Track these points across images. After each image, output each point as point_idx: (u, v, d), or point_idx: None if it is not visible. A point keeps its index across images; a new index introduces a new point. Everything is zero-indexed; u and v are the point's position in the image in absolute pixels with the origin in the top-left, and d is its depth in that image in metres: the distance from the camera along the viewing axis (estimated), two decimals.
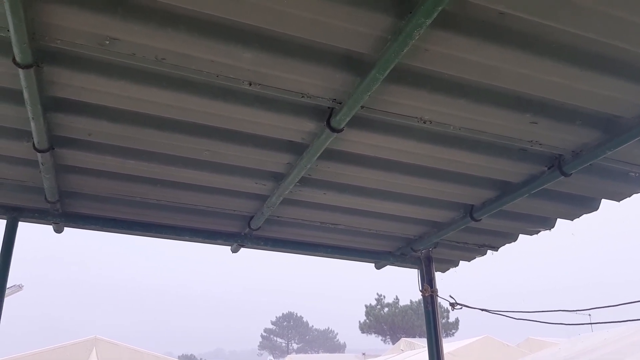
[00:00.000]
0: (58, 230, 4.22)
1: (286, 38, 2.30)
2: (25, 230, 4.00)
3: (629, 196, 3.58)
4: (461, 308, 4.78)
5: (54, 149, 3.09)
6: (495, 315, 4.84)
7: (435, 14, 1.99)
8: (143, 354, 17.38)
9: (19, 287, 17.21)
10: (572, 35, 2.27)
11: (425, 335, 4.82)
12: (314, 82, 2.53)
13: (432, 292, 4.63)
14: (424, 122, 2.81)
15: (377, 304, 52.78)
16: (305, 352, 70.79)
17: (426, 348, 4.86)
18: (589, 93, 2.60)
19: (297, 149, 3.13)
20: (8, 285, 3.88)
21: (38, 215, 3.92)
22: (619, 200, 3.65)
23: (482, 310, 4.88)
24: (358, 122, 2.84)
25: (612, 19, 2.18)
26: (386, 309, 51.98)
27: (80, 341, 16.70)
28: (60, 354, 16.05)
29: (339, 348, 74.99)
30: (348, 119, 2.69)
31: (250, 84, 2.52)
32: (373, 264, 5.10)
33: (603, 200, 3.74)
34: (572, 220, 3.97)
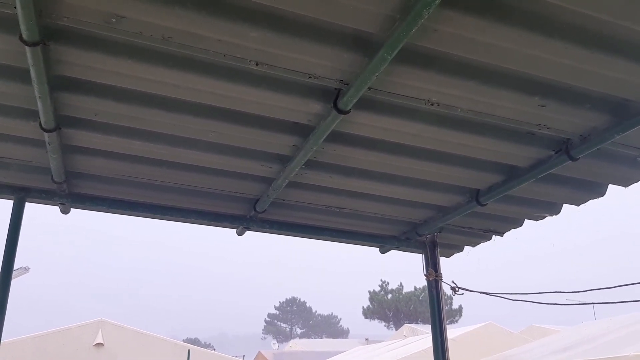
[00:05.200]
0: (65, 211, 4.23)
1: (294, 17, 2.28)
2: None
3: (637, 181, 3.57)
4: (462, 293, 4.80)
5: (60, 128, 3.09)
6: (499, 302, 4.86)
7: None
8: (148, 337, 17.53)
9: (26, 270, 17.31)
10: (583, 16, 2.25)
11: (428, 322, 4.84)
12: (321, 62, 2.51)
13: (436, 276, 4.65)
14: (432, 104, 2.79)
15: (380, 290, 53.07)
16: (309, 337, 71.29)
17: (429, 334, 4.89)
18: (598, 76, 2.58)
19: (303, 130, 3.12)
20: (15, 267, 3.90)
21: (45, 196, 3.93)
22: (626, 186, 3.63)
23: (482, 293, 4.90)
24: (365, 104, 2.83)
25: (624, 0, 2.15)
26: (390, 295, 52.26)
27: (86, 323, 16.84)
28: (66, 336, 16.21)
29: (342, 333, 75.47)
30: (355, 101, 2.68)
31: (257, 64, 2.51)
32: (378, 249, 5.11)
33: (610, 186, 3.72)
34: (579, 205, 3.96)
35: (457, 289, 4.75)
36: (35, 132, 3.12)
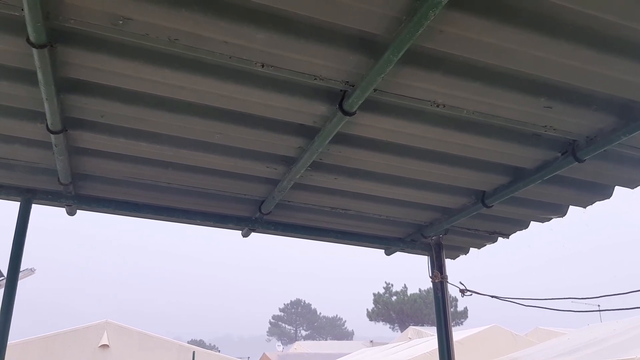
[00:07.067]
0: (71, 212, 4.25)
1: (299, 19, 2.29)
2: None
3: None
4: (471, 294, 4.78)
5: (67, 130, 3.10)
6: (504, 304, 4.83)
7: None
8: (153, 338, 17.56)
9: (31, 271, 17.34)
10: (589, 17, 2.24)
11: (433, 324, 4.82)
12: (327, 64, 2.51)
13: (442, 278, 4.63)
14: (437, 106, 2.79)
15: (385, 292, 52.97)
16: (314, 338, 71.18)
17: (434, 336, 4.89)
18: (605, 77, 2.57)
19: (308, 132, 3.13)
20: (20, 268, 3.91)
21: (51, 197, 3.94)
22: (632, 188, 3.61)
23: (492, 297, 4.87)
24: (371, 106, 2.83)
25: (631, 0, 2.14)
26: (394, 297, 52.16)
27: (91, 325, 16.90)
28: (72, 337, 16.27)
29: (347, 335, 75.30)
30: (361, 102, 2.68)
31: (262, 66, 2.51)
32: (383, 250, 5.10)
33: (616, 188, 3.70)
34: (585, 207, 3.94)
35: (465, 290, 4.73)
36: (41, 134, 3.14)
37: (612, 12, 2.20)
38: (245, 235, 4.63)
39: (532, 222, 4.34)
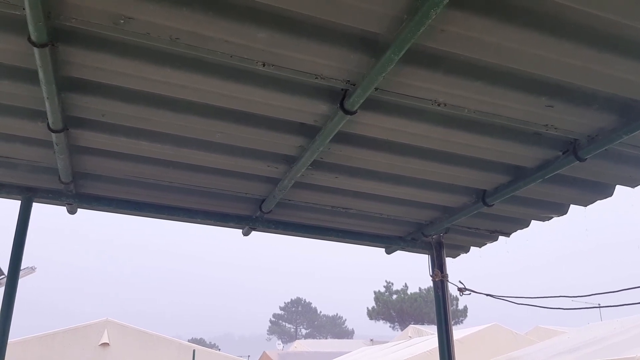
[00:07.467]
0: (71, 211, 4.25)
1: (301, 18, 2.29)
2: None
3: None
4: (470, 293, 4.79)
5: (68, 129, 3.11)
6: (505, 303, 4.83)
7: None
8: (153, 337, 17.58)
9: (32, 269, 17.36)
10: (590, 16, 2.24)
11: (434, 323, 4.83)
12: (328, 63, 2.51)
13: (442, 277, 4.64)
14: (439, 105, 2.79)
15: (385, 291, 52.99)
16: (314, 337, 71.18)
17: (434, 335, 4.89)
18: (606, 76, 2.57)
19: (309, 131, 3.13)
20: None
21: (52, 196, 3.94)
22: (633, 187, 3.61)
23: (487, 295, 4.88)
24: (372, 105, 2.83)
25: (632, 0, 2.14)
26: (395, 296, 52.18)
27: (92, 323, 16.92)
28: (72, 336, 16.29)
29: (347, 334, 75.32)
30: (362, 101, 2.68)
31: (264, 65, 2.51)
32: (383, 249, 5.10)
33: (617, 187, 3.70)
34: (586, 206, 3.94)
35: (464, 289, 4.74)
36: (42, 133, 3.14)
37: (613, 11, 2.20)
38: (246, 234, 4.63)
39: (533, 221, 4.34)
